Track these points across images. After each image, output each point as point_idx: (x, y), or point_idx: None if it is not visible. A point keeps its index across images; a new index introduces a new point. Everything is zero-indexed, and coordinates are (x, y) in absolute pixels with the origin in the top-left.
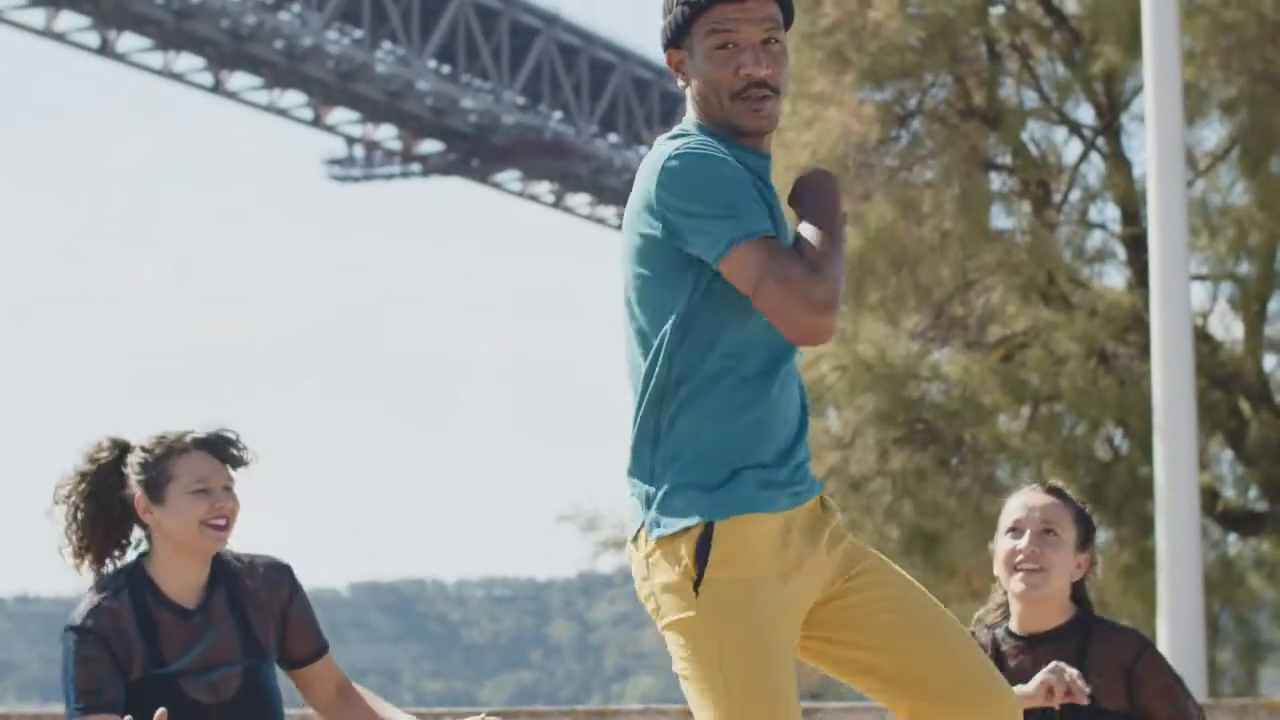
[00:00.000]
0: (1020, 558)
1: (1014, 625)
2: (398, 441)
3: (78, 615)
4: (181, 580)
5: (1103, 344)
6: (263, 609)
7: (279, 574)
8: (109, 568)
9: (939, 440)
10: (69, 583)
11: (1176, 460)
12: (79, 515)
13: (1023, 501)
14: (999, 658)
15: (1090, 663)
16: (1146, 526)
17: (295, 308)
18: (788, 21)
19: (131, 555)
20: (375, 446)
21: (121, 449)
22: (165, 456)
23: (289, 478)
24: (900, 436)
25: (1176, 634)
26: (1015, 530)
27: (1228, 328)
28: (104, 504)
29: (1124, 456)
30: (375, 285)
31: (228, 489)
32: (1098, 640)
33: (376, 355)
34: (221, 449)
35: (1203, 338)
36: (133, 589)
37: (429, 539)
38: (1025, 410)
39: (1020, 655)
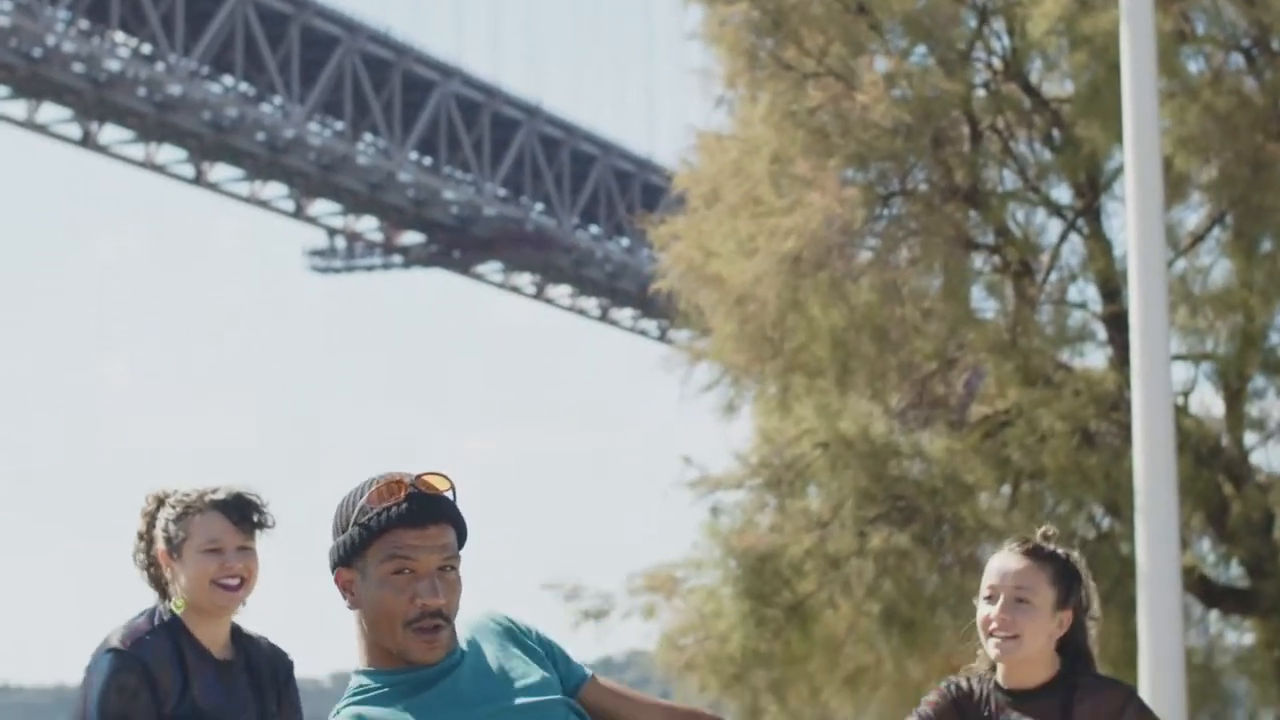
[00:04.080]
0: (994, 625)
1: (1000, 680)
2: None
3: (120, 640)
4: (209, 633)
5: (1086, 422)
6: (269, 678)
7: (281, 657)
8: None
9: (920, 518)
10: (51, 672)
11: (1158, 539)
12: (152, 571)
13: (998, 566)
14: (989, 711)
15: (1075, 716)
16: (1132, 607)
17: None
18: (463, 541)
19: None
20: None
21: (160, 502)
22: (184, 515)
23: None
24: (880, 514)
25: (1159, 708)
26: (990, 597)
27: (1208, 406)
28: (155, 555)
29: (1108, 534)
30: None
31: (242, 549)
32: (1083, 694)
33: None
34: (238, 510)
35: (1184, 416)
36: (169, 630)
37: None
38: (1007, 489)
39: (1008, 710)
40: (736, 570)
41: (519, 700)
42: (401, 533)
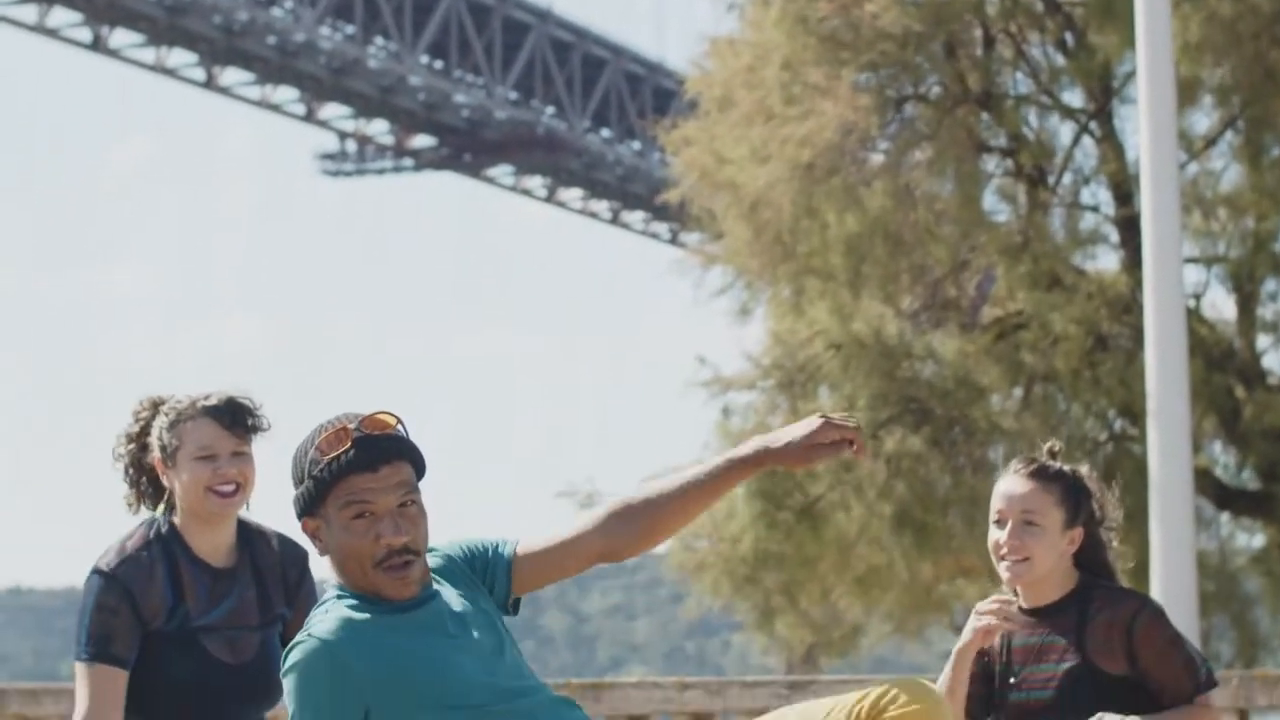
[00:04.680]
0: (1004, 550)
1: (1021, 601)
2: None
3: (107, 561)
4: (209, 540)
5: (1098, 325)
6: (278, 581)
7: (297, 551)
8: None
9: (932, 420)
10: (62, 575)
11: (1170, 442)
12: (130, 473)
13: (1004, 490)
14: (1010, 638)
15: (1089, 628)
16: (1145, 510)
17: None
18: (422, 472)
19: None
20: None
21: (156, 408)
22: (177, 422)
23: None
24: (892, 416)
25: (1172, 612)
26: (999, 521)
27: (1220, 310)
28: (148, 462)
29: (1120, 437)
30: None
31: (237, 455)
32: (1098, 606)
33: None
34: (230, 415)
35: (1196, 319)
36: (165, 542)
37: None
38: (1019, 391)
39: (1028, 629)
40: None
41: (485, 640)
42: (354, 479)
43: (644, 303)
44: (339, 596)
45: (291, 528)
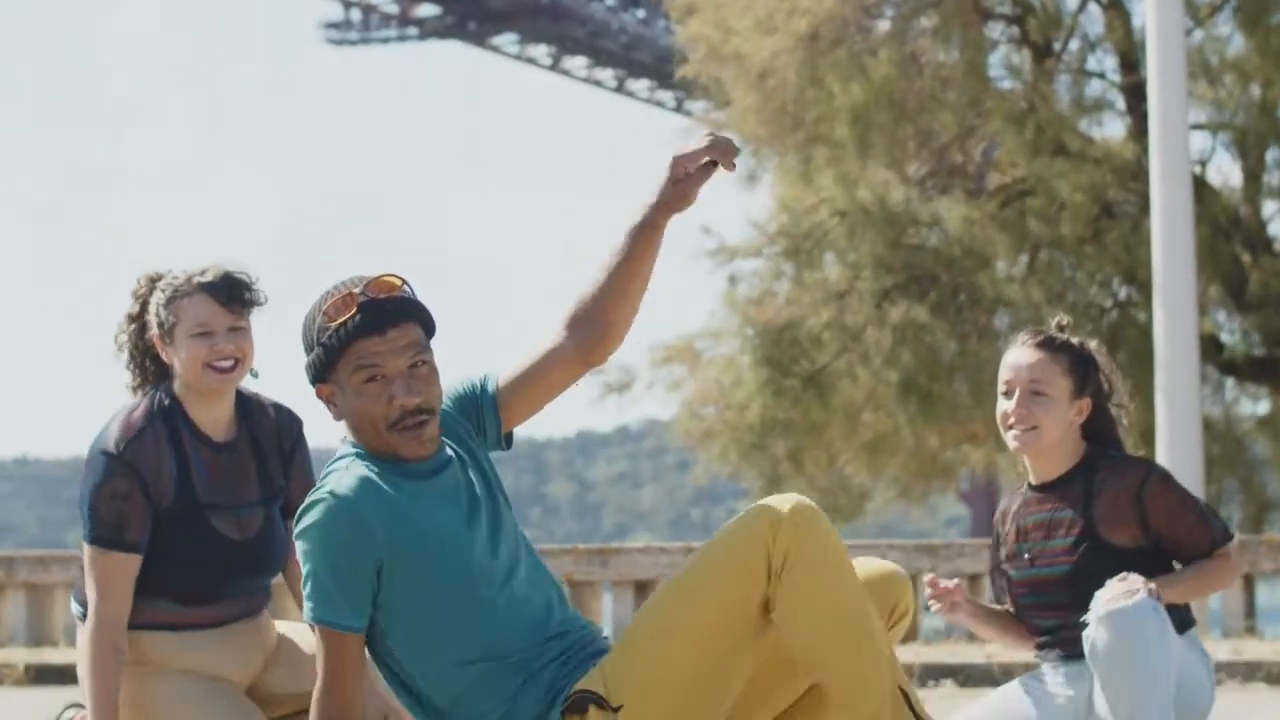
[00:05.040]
0: (1012, 419)
1: (1031, 477)
2: None
3: (113, 440)
4: (209, 414)
5: (1104, 192)
6: (276, 451)
7: (291, 419)
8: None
9: (937, 288)
10: (68, 445)
11: (1175, 308)
12: (134, 356)
13: (1012, 360)
14: (1021, 515)
15: (1097, 498)
16: (1150, 375)
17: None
18: (431, 332)
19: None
20: None
21: (153, 284)
22: (173, 299)
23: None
24: (898, 284)
25: (1176, 477)
26: (1006, 392)
27: (1226, 176)
28: (148, 339)
29: (1125, 304)
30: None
31: (235, 330)
32: (1102, 475)
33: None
34: (226, 291)
35: (1203, 186)
36: (168, 415)
37: None
38: (1024, 258)
39: (1036, 505)
40: (754, 339)
41: (487, 511)
42: (362, 343)
43: (650, 171)
44: (357, 456)
45: (292, 396)
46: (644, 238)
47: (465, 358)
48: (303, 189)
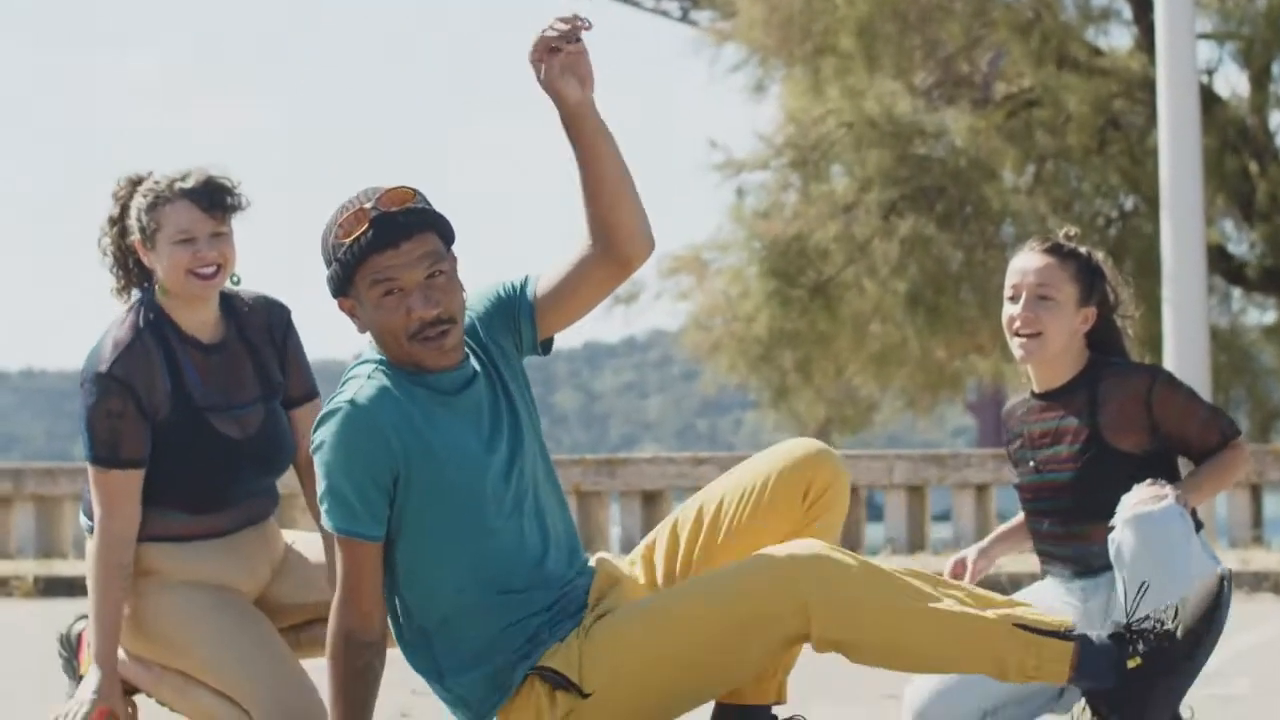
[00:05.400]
0: (1017, 324)
1: (1034, 385)
2: None
3: (103, 359)
4: (195, 318)
5: (1110, 102)
6: (267, 343)
7: (278, 309)
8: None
9: (943, 199)
10: (74, 357)
11: (1183, 219)
12: (116, 256)
13: (1019, 265)
14: (1025, 422)
15: (1103, 406)
16: (1157, 284)
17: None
18: (449, 239)
19: (145, 291)
20: None
21: (134, 187)
22: (155, 205)
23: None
24: (904, 196)
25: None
26: (1012, 297)
27: (1234, 87)
28: (130, 243)
29: (1131, 214)
30: None
31: (216, 236)
32: (1107, 382)
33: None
34: (208, 196)
35: (1210, 96)
36: (154, 325)
37: None
38: (1031, 169)
39: (1040, 413)
40: (762, 251)
41: (509, 436)
42: (377, 258)
43: (654, 84)
44: (379, 365)
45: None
46: (574, 133)
47: (468, 278)
48: (310, 97)
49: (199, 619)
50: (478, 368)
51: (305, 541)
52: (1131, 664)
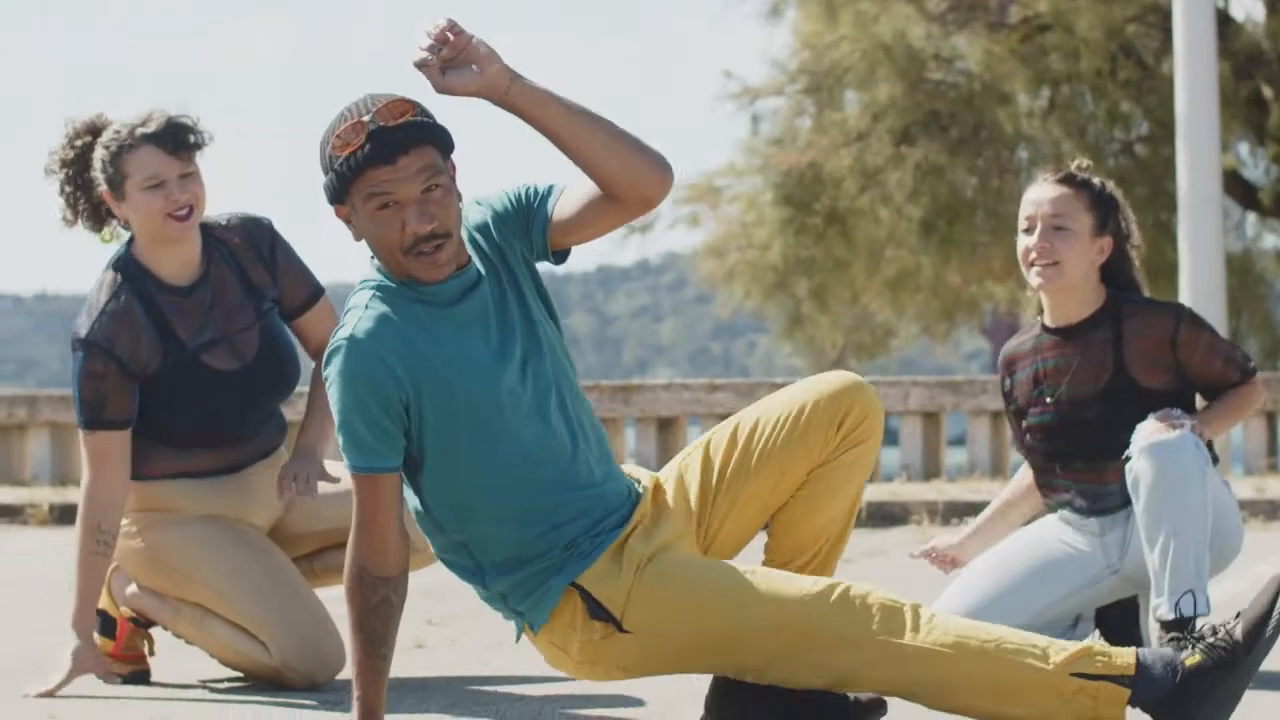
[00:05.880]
0: (1034, 255)
1: (1047, 320)
2: None
3: (83, 326)
4: (175, 260)
5: (1125, 27)
6: (255, 261)
7: (257, 225)
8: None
9: (957, 125)
10: (88, 280)
11: (1198, 144)
12: (66, 189)
13: (1033, 196)
14: (1037, 359)
15: (1128, 344)
16: (1170, 209)
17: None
18: (448, 150)
19: (120, 246)
20: None
21: (94, 135)
22: (120, 153)
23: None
24: (917, 122)
25: (1200, 310)
26: (1028, 228)
27: (1249, 11)
28: (87, 188)
29: (1145, 139)
30: None
31: (185, 177)
32: (1131, 321)
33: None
34: (172, 138)
35: (1226, 21)
36: (133, 281)
37: None
38: (1045, 93)
39: (1057, 349)
40: (776, 178)
41: (523, 338)
42: (373, 172)
43: (668, 9)
44: (377, 288)
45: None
46: (518, 114)
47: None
48: (317, 22)
49: (214, 552)
50: (483, 270)
51: None
52: (1190, 661)
